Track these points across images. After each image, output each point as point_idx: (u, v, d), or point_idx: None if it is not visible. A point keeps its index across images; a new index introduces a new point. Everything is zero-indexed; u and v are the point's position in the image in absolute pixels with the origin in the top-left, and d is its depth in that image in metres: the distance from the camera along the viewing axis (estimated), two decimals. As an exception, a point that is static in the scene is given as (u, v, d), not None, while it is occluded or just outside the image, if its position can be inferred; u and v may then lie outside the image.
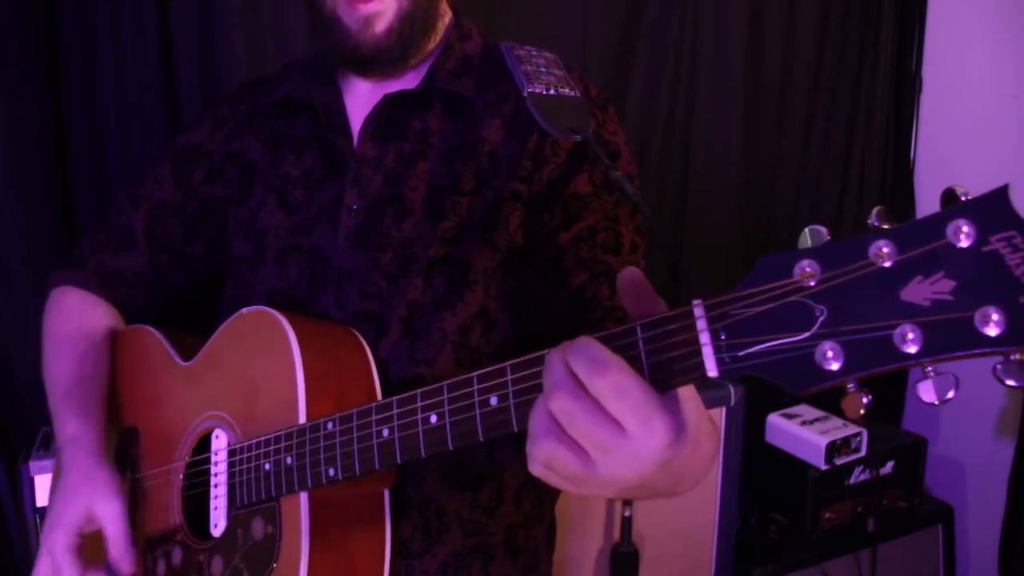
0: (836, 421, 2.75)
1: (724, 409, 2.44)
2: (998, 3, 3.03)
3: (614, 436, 0.76)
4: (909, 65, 3.28)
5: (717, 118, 2.97)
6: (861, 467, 2.74)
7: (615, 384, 0.76)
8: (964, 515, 3.11)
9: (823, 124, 3.18)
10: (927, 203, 3.27)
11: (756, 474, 2.78)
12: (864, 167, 3.26)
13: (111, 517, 1.34)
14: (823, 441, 2.65)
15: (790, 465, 2.73)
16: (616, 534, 2.40)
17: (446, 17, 1.50)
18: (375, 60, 1.39)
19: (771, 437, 2.81)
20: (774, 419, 2.80)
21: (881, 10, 3.17)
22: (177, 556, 1.38)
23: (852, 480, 2.74)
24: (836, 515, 2.74)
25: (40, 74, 2.11)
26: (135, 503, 1.47)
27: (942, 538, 2.97)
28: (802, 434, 2.71)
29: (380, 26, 1.35)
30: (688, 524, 2.52)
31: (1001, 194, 0.63)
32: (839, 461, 2.69)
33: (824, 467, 2.66)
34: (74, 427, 1.43)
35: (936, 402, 0.66)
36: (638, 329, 0.80)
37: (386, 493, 1.30)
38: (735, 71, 2.97)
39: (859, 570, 2.78)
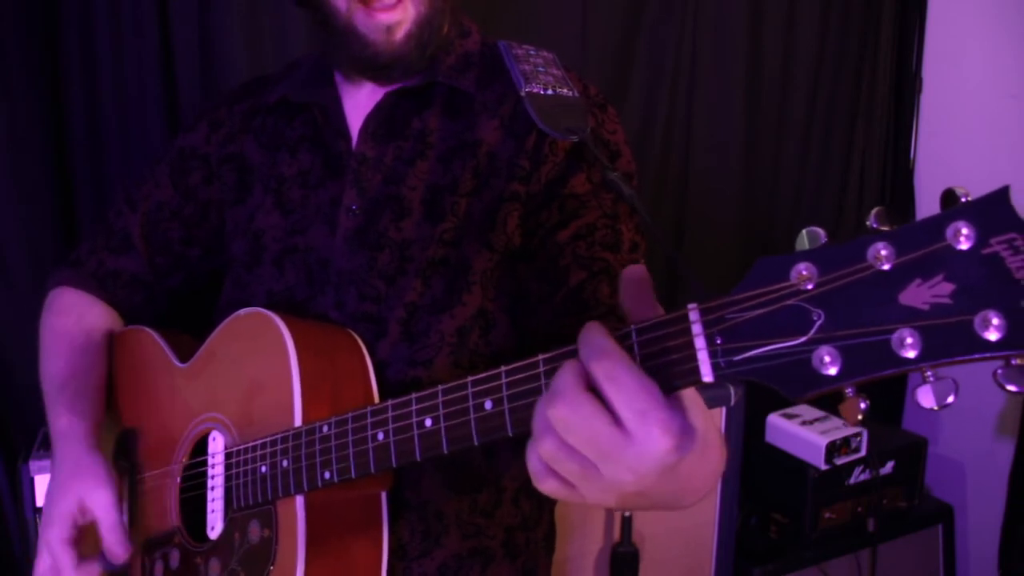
0: (836, 421, 2.74)
1: (724, 409, 2.44)
2: (998, 3, 3.02)
3: (613, 440, 0.76)
4: (909, 65, 3.27)
5: (717, 118, 2.97)
6: (861, 467, 2.74)
7: (608, 372, 0.75)
8: (964, 515, 3.11)
9: (823, 124, 3.18)
10: (927, 203, 3.27)
11: (756, 474, 2.78)
12: (864, 167, 3.25)
13: (102, 505, 1.35)
14: (823, 441, 2.64)
15: (790, 465, 2.72)
16: (616, 534, 2.40)
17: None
18: (393, 67, 1.38)
19: (771, 437, 2.81)
20: (774, 419, 2.80)
21: (881, 10, 3.17)
22: (175, 558, 1.38)
23: (852, 480, 2.74)
24: (836, 515, 2.73)
25: (40, 74, 2.11)
26: (133, 504, 1.47)
27: (942, 538, 2.97)
28: (802, 434, 2.71)
29: (400, 34, 1.33)
30: (688, 524, 2.51)
31: (1002, 196, 0.62)
32: (839, 461, 2.68)
33: (824, 467, 2.66)
34: (65, 421, 1.43)
35: (935, 407, 0.65)
36: (633, 333, 0.80)
37: (383, 496, 1.30)
38: (735, 71, 2.97)
39: (859, 570, 2.78)
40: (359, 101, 1.46)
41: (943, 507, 3.01)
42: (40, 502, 1.91)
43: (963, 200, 0.63)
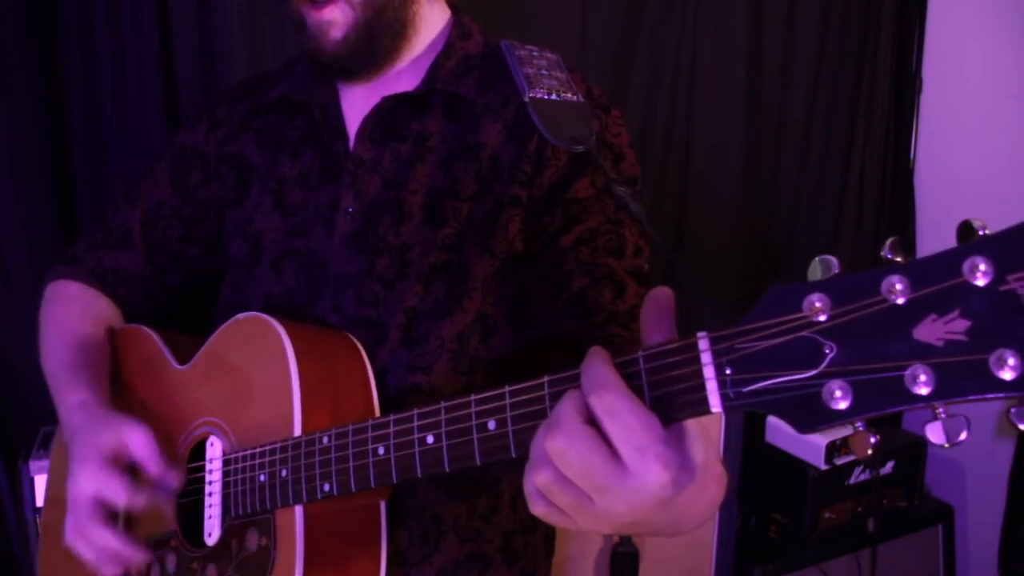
0: (836, 421, 2.73)
1: (724, 410, 2.44)
2: (998, 3, 3.02)
3: (610, 475, 0.76)
4: (909, 65, 3.26)
5: (717, 118, 2.96)
6: (861, 467, 2.74)
7: (608, 406, 0.75)
8: (964, 515, 3.11)
9: (823, 124, 3.17)
10: (927, 203, 3.28)
11: (756, 474, 2.78)
12: (864, 167, 3.25)
13: (140, 440, 1.26)
14: (823, 441, 2.64)
15: (790, 465, 2.72)
16: (616, 534, 2.40)
17: (442, 17, 1.48)
18: (333, 65, 1.39)
19: (771, 437, 2.81)
20: (774, 419, 2.78)
21: (881, 10, 3.16)
22: (171, 562, 1.37)
23: (852, 480, 2.74)
24: (836, 515, 2.73)
25: (40, 74, 2.10)
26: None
27: (942, 538, 2.97)
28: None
29: (335, 33, 1.34)
30: (688, 524, 2.51)
31: (1021, 231, 0.61)
32: (839, 461, 2.68)
33: (824, 467, 2.66)
34: (81, 394, 1.39)
35: (946, 445, 0.64)
36: (640, 360, 0.79)
37: (382, 504, 1.29)
38: (735, 71, 2.96)
39: (859, 570, 2.78)
40: (356, 102, 1.45)
41: (943, 507, 3.02)
42: (40, 502, 1.91)
43: (981, 233, 0.62)
